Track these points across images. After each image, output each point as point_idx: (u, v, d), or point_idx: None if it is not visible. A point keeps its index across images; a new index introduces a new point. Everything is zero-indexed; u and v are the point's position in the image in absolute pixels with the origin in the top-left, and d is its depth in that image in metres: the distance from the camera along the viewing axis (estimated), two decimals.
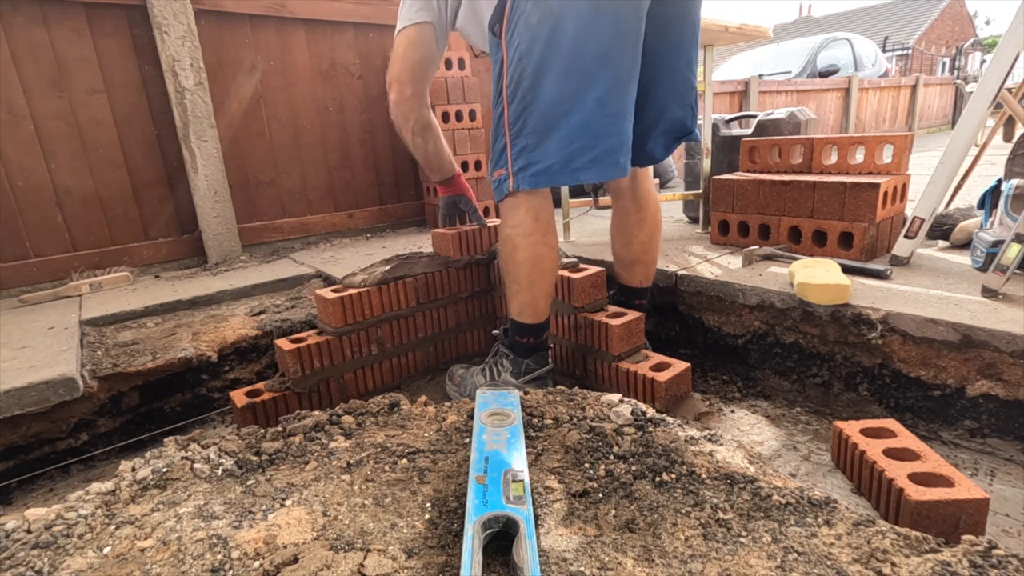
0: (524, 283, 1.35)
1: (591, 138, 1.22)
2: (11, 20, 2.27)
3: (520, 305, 1.38)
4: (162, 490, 0.90)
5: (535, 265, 1.33)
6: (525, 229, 1.30)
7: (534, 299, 1.36)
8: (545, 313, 1.41)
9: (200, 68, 2.62)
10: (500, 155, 1.31)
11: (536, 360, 1.45)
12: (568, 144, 1.21)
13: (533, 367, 1.44)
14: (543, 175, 1.25)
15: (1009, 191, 1.64)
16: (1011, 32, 1.50)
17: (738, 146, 2.40)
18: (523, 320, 1.39)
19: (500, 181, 1.32)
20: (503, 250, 1.37)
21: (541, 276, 1.35)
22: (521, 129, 1.24)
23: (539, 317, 1.39)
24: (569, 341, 1.60)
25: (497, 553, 0.73)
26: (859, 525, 0.76)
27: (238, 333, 1.88)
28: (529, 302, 1.37)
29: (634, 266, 1.63)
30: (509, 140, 1.27)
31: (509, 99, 1.24)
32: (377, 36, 3.26)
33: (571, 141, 1.21)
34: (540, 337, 1.43)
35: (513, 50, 1.21)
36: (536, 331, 1.41)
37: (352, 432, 1.04)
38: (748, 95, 5.99)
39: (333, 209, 3.29)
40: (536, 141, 1.23)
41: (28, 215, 2.41)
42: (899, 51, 17.30)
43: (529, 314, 1.38)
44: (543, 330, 1.43)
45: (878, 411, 1.45)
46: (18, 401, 1.41)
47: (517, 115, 1.24)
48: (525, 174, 1.26)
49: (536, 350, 1.44)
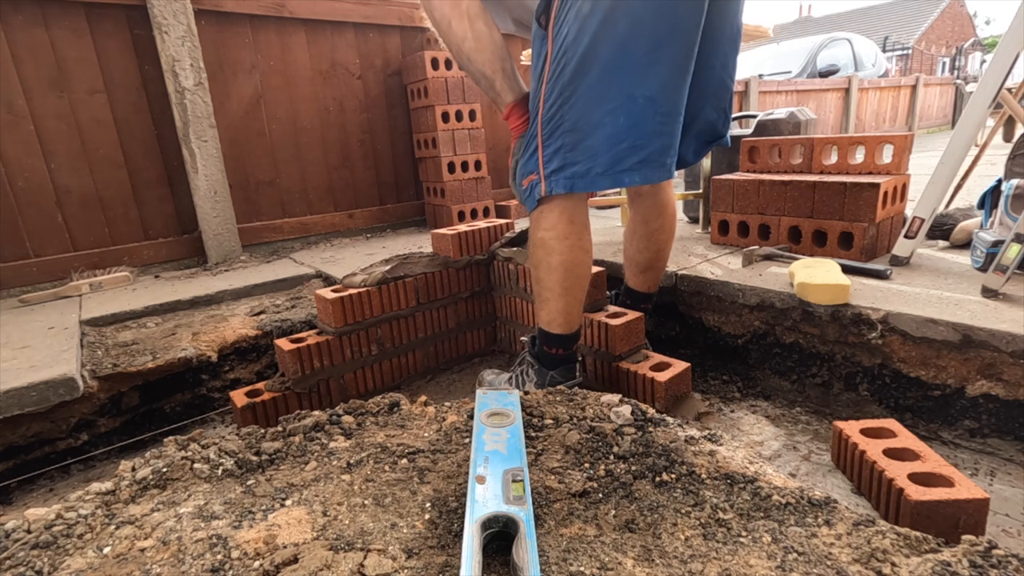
0: (557, 290, 1.26)
1: (642, 137, 1.13)
2: (11, 20, 2.27)
3: (551, 313, 1.30)
4: (162, 490, 0.90)
5: (570, 271, 1.24)
6: (560, 232, 1.21)
7: (567, 307, 1.28)
8: (577, 323, 1.32)
9: (200, 68, 2.62)
10: (530, 158, 1.21)
11: (562, 373, 1.36)
12: (616, 144, 1.12)
13: (558, 380, 1.35)
14: (581, 178, 1.15)
15: (1009, 191, 1.64)
16: (1011, 32, 1.50)
17: (738, 146, 2.40)
18: (552, 330, 1.31)
19: (532, 187, 1.22)
20: (535, 255, 1.28)
21: (576, 283, 1.26)
22: (557, 127, 1.15)
23: (571, 327, 1.31)
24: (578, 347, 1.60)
25: (497, 553, 0.73)
26: (859, 525, 0.76)
27: (238, 333, 1.88)
28: (562, 310, 1.28)
29: (647, 272, 1.59)
30: (541, 140, 1.17)
31: (547, 95, 1.15)
32: (377, 36, 3.26)
33: (619, 141, 1.12)
34: (569, 349, 1.34)
35: (560, 42, 1.11)
36: (565, 342, 1.33)
37: (352, 432, 1.04)
38: (748, 95, 5.99)
39: (333, 209, 3.29)
40: (575, 140, 1.14)
41: (28, 215, 2.41)
42: (899, 51, 17.30)
43: (560, 323, 1.30)
44: (573, 341, 1.34)
45: (878, 411, 1.45)
46: (18, 401, 1.41)
47: (554, 112, 1.14)
48: (560, 176, 1.16)
49: (564, 362, 1.35)
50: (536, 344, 1.38)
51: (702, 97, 1.30)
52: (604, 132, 1.12)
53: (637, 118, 1.11)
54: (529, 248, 1.32)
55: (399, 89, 3.39)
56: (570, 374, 1.37)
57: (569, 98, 1.13)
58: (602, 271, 1.58)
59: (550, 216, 1.23)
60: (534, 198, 1.23)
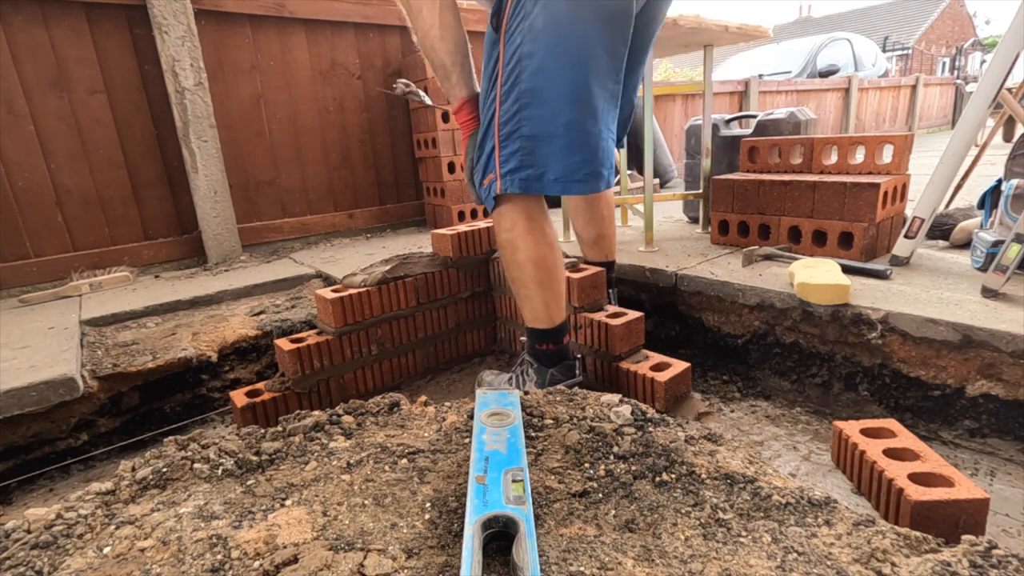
0: (532, 286, 1.30)
1: (591, 152, 1.22)
2: (11, 20, 2.27)
3: (533, 311, 1.32)
4: (162, 490, 0.90)
5: (539, 265, 1.28)
6: (520, 230, 1.27)
7: (545, 301, 1.31)
8: (560, 316, 1.34)
9: (200, 68, 2.62)
10: (488, 158, 1.27)
11: (562, 371, 1.37)
12: (569, 156, 1.20)
13: (559, 378, 1.36)
14: (535, 181, 1.22)
15: (1009, 191, 1.64)
16: (1011, 32, 1.50)
17: (738, 146, 2.40)
18: (538, 326, 1.33)
19: (490, 186, 1.27)
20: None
21: (548, 276, 1.30)
22: (515, 131, 1.21)
23: (554, 320, 1.33)
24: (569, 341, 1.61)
25: (497, 553, 0.73)
26: (859, 525, 0.76)
27: (238, 333, 1.88)
28: (541, 305, 1.31)
29: (600, 240, 1.70)
30: (498, 141, 1.23)
31: (503, 98, 1.21)
32: (377, 36, 3.26)
33: (572, 153, 1.20)
34: (560, 342, 1.36)
35: (513, 49, 1.18)
36: (553, 336, 1.34)
37: (352, 432, 1.04)
38: (748, 95, 5.99)
39: (333, 209, 3.29)
40: (532, 146, 1.20)
41: (28, 215, 2.41)
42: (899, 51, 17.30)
43: (543, 318, 1.32)
44: (561, 334, 1.36)
45: (878, 411, 1.45)
46: (18, 401, 1.41)
47: (511, 116, 1.20)
48: (515, 176, 1.22)
49: (561, 358, 1.37)
50: (530, 343, 1.40)
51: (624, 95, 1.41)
52: (559, 144, 1.20)
53: (589, 134, 1.21)
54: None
55: None
56: (570, 372, 1.38)
57: (527, 106, 1.19)
58: (602, 271, 1.58)
59: (508, 216, 1.28)
60: (491, 197, 1.28)
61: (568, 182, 1.21)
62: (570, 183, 1.22)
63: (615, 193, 2.69)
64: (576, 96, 1.18)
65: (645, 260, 2.01)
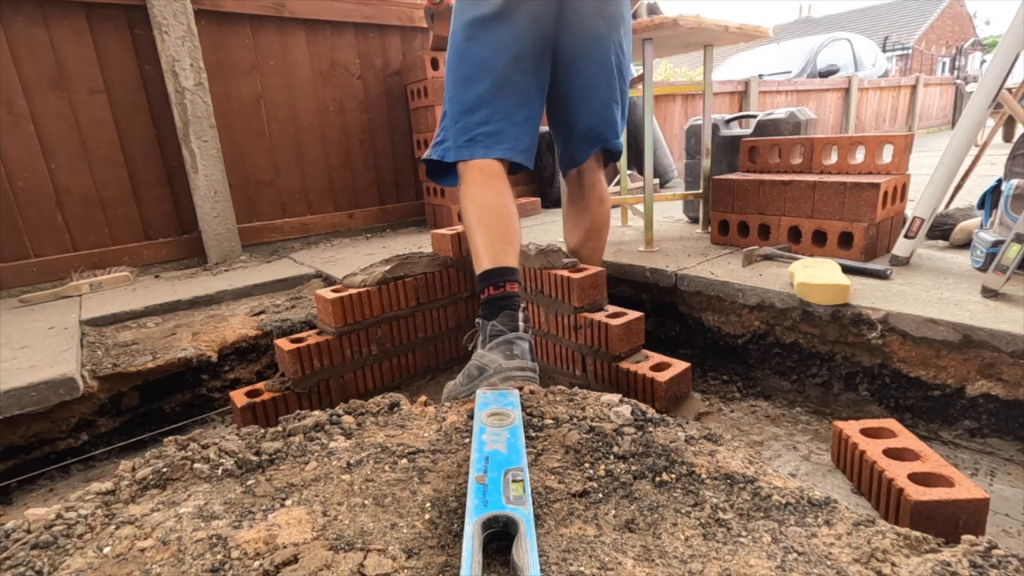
0: (473, 225, 1.34)
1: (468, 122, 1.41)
2: (11, 20, 2.27)
3: (475, 253, 1.31)
4: (162, 490, 0.90)
5: (483, 207, 1.36)
6: (468, 178, 1.42)
7: (487, 241, 1.31)
8: (503, 259, 1.29)
9: (200, 68, 2.62)
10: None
11: (504, 321, 1.25)
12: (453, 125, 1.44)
13: (500, 329, 1.24)
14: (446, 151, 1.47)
15: (1009, 191, 1.64)
16: (1011, 32, 1.50)
17: (738, 146, 2.40)
18: (480, 268, 1.30)
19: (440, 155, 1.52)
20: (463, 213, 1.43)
21: (490, 216, 1.35)
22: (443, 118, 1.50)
23: (495, 261, 1.28)
24: (569, 341, 1.60)
25: (497, 553, 0.73)
26: (859, 525, 0.76)
27: (238, 333, 1.88)
28: (482, 244, 1.31)
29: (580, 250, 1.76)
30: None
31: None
32: (377, 36, 3.26)
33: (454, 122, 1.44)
34: (500, 286, 1.27)
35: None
36: (493, 277, 1.27)
37: (352, 432, 1.04)
38: (748, 95, 5.99)
39: (333, 209, 3.29)
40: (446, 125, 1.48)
41: (28, 215, 2.41)
42: (899, 51, 17.30)
43: (484, 257, 1.29)
44: (501, 276, 1.28)
45: (878, 411, 1.45)
46: (18, 401, 1.41)
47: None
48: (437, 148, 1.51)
49: (502, 307, 1.26)
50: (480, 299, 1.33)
51: (577, 110, 1.56)
52: (450, 118, 1.45)
53: (466, 108, 1.41)
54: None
55: (399, 89, 3.39)
56: (512, 322, 1.26)
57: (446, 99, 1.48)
58: (602, 271, 1.58)
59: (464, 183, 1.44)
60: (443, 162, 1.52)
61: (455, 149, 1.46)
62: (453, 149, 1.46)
63: (615, 193, 2.69)
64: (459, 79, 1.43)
65: (645, 260, 2.01)
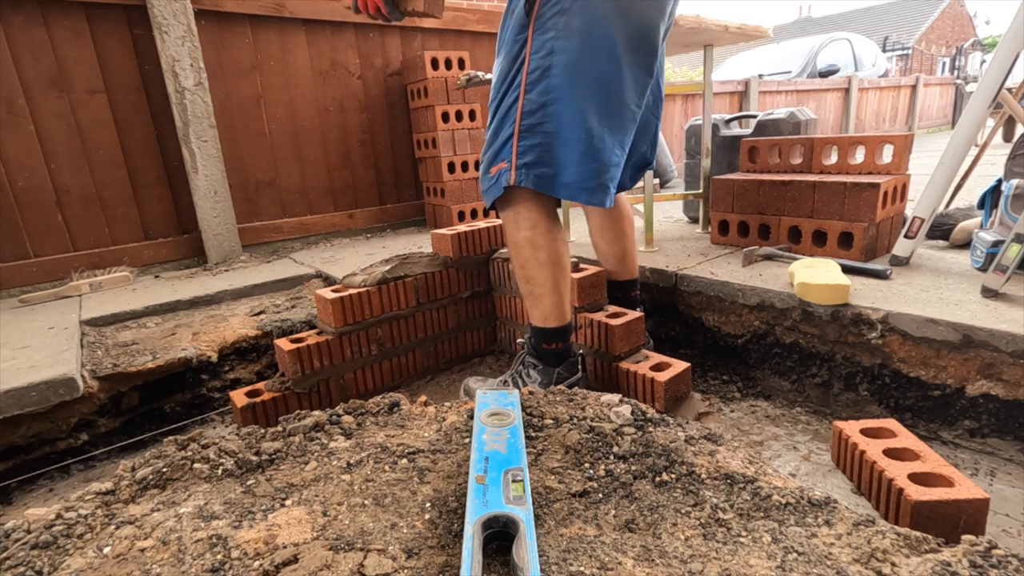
0: (549, 285, 1.29)
1: (603, 164, 1.21)
2: (11, 20, 2.27)
3: (545, 310, 1.32)
4: (162, 490, 0.90)
5: (557, 264, 1.28)
6: (543, 228, 1.26)
7: (559, 300, 1.31)
8: (570, 314, 1.36)
9: (200, 68, 2.62)
10: (503, 146, 1.22)
11: (567, 368, 1.38)
12: (584, 164, 1.19)
13: (565, 375, 1.37)
14: (548, 180, 1.20)
15: (1009, 191, 1.64)
16: (1011, 32, 1.50)
17: (738, 146, 2.40)
18: (549, 325, 1.33)
19: (500, 174, 1.23)
20: (520, 255, 1.30)
21: (563, 275, 1.31)
22: (538, 124, 1.18)
23: (565, 319, 1.34)
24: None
25: (497, 553, 0.73)
26: (859, 525, 0.76)
27: (238, 333, 1.88)
28: (555, 304, 1.31)
29: (624, 258, 1.66)
30: (518, 131, 1.19)
31: (528, 87, 1.18)
32: (377, 36, 3.26)
33: (587, 162, 1.19)
34: (567, 341, 1.36)
35: (544, 39, 1.16)
36: (563, 335, 1.35)
37: (352, 432, 1.04)
38: (748, 95, 5.99)
39: (333, 209, 3.29)
40: (551, 144, 1.19)
41: (28, 215, 2.41)
42: (899, 51, 17.30)
43: (556, 317, 1.32)
44: (570, 331, 1.37)
45: (878, 411, 1.45)
46: (18, 401, 1.41)
47: (536, 108, 1.18)
48: (532, 172, 1.19)
49: (565, 356, 1.37)
50: (534, 344, 1.38)
51: (636, 134, 1.43)
52: (577, 149, 1.19)
53: (605, 146, 1.21)
54: (511, 250, 1.34)
55: (399, 89, 3.39)
56: (574, 369, 1.40)
57: (555, 102, 1.17)
58: (602, 271, 1.58)
59: (529, 215, 1.27)
60: (500, 185, 1.24)
61: (577, 188, 1.21)
62: (579, 190, 1.21)
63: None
64: (600, 104, 1.18)
65: (645, 260, 2.01)
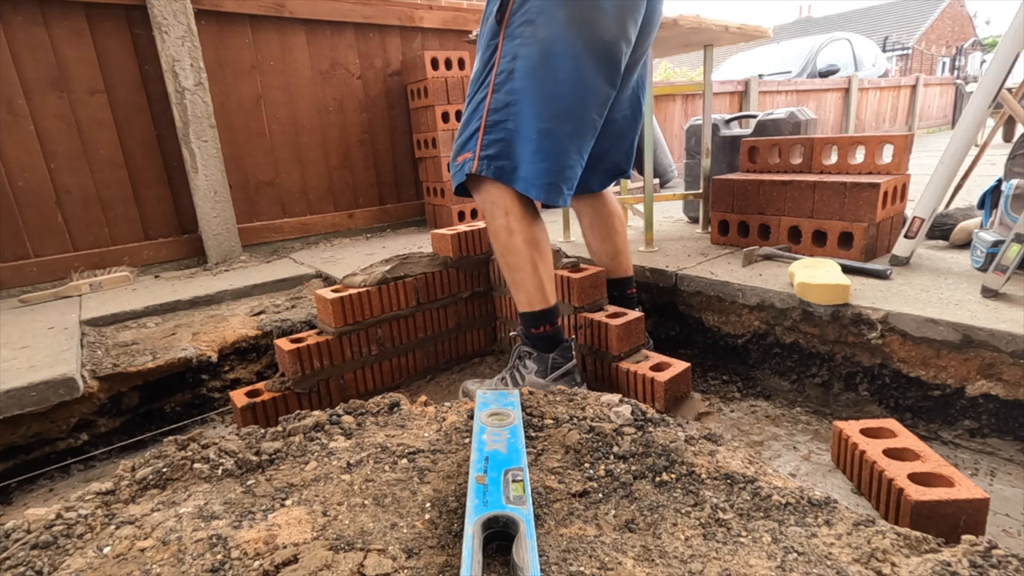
0: (528, 269, 1.34)
1: (558, 165, 1.29)
2: (11, 20, 2.27)
3: (528, 293, 1.36)
4: (162, 490, 0.90)
5: (534, 245, 1.33)
6: (517, 214, 1.33)
7: (539, 281, 1.35)
8: (554, 296, 1.38)
9: (200, 68, 2.62)
10: (470, 138, 1.32)
11: (562, 353, 1.40)
12: (538, 161, 1.27)
13: (560, 361, 1.40)
14: (507, 173, 1.29)
15: (1009, 191, 1.64)
16: (1011, 32, 1.50)
17: (738, 146, 2.40)
18: (534, 308, 1.36)
19: (464, 163, 1.33)
20: (499, 241, 1.36)
21: (541, 256, 1.34)
22: (502, 121, 1.28)
23: (549, 301, 1.37)
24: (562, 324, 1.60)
25: (497, 553, 0.73)
26: (859, 525, 0.76)
27: (238, 333, 1.88)
28: (536, 286, 1.35)
29: (617, 256, 1.68)
30: (484, 125, 1.29)
31: (496, 87, 1.28)
32: (377, 36, 3.26)
33: (541, 160, 1.27)
34: (555, 323, 1.39)
35: (513, 46, 1.25)
36: (550, 316, 1.38)
37: (352, 432, 1.04)
38: (748, 95, 5.99)
39: (333, 209, 3.29)
40: (511, 140, 1.28)
41: (28, 215, 2.41)
42: (899, 51, 17.31)
43: (539, 299, 1.36)
44: (556, 314, 1.39)
45: (878, 411, 1.45)
46: (18, 401, 1.41)
47: (501, 106, 1.27)
48: (493, 163, 1.29)
49: (558, 341, 1.40)
50: (524, 332, 1.42)
51: (607, 142, 1.53)
52: (532, 147, 1.27)
53: (559, 149, 1.28)
54: (492, 241, 1.40)
55: (399, 89, 3.39)
56: (567, 355, 1.41)
57: (517, 103, 1.27)
58: (602, 271, 1.58)
59: (502, 203, 1.33)
60: (463, 172, 1.33)
61: (529, 184, 1.28)
62: (531, 185, 1.28)
63: (615, 193, 2.69)
64: (557, 110, 1.26)
65: (645, 260, 2.01)
